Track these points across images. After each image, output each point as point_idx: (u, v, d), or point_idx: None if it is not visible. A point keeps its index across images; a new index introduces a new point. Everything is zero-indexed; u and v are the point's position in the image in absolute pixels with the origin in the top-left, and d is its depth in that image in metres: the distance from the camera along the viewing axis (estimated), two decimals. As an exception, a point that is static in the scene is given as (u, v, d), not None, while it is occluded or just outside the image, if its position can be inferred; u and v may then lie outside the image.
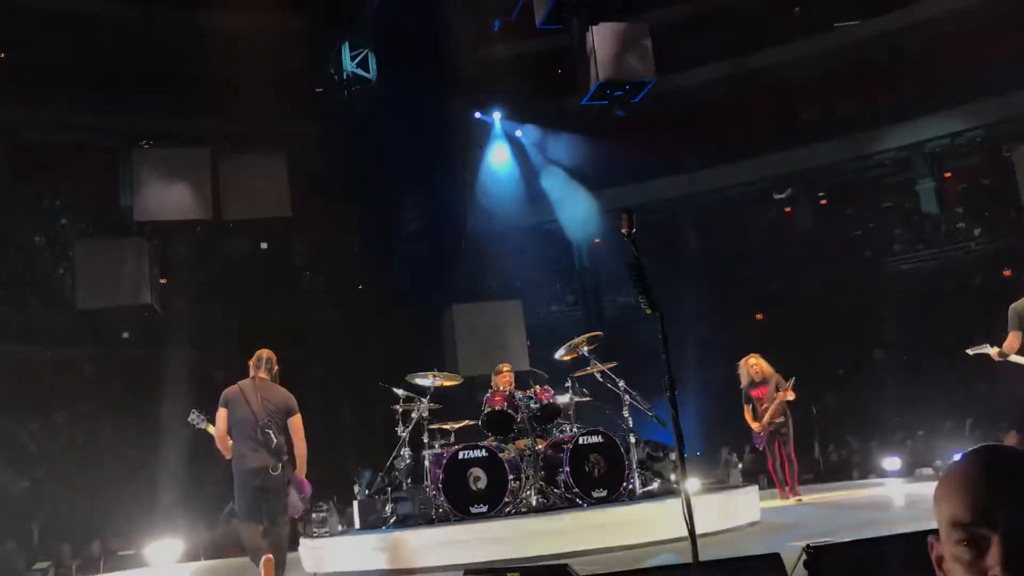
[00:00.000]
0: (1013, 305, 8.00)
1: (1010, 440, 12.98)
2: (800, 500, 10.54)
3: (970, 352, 8.44)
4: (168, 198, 18.38)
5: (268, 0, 17.30)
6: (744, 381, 11.08)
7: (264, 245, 21.09)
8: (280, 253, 21.52)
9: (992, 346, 8.07)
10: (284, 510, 6.99)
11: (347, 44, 19.52)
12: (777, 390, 10.75)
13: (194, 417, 7.13)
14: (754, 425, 10.81)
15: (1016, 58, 17.41)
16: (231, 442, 6.92)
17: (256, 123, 18.70)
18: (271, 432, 6.78)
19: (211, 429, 7.04)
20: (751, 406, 10.96)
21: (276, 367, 7.15)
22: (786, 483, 10.80)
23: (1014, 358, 7.92)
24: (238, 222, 19.62)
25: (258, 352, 7.21)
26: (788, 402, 10.75)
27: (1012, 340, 7.94)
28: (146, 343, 18.15)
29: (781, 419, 10.79)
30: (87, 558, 15.09)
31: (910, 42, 19.55)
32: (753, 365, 11.00)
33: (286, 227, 20.70)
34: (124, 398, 17.34)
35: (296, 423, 7.04)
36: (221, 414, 6.93)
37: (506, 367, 9.49)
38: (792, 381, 10.70)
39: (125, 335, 18.58)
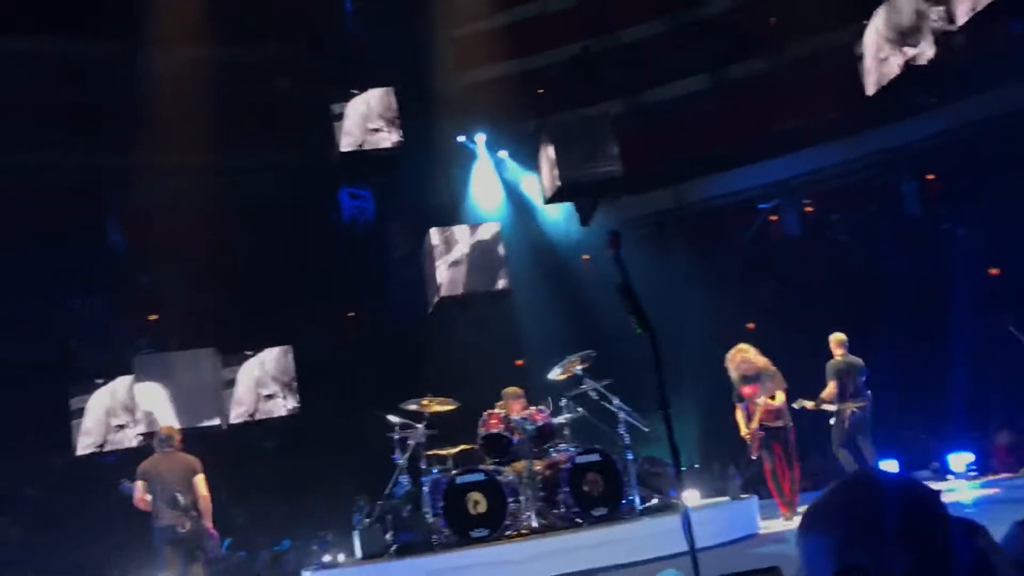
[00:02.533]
0: (829, 363, 10.35)
1: (1002, 440, 13.02)
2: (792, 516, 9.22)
3: (795, 406, 9.85)
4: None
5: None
6: (733, 377, 9.63)
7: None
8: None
9: (809, 400, 9.89)
10: (197, 559, 8.34)
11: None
12: (767, 391, 9.38)
13: (124, 487, 8.45)
14: (742, 429, 9.43)
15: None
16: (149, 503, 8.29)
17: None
18: (178, 496, 8.18)
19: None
20: (743, 406, 9.52)
21: (178, 439, 8.70)
22: (787, 496, 9.32)
23: (825, 406, 10.11)
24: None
25: (159, 430, 9.03)
26: (782, 409, 9.40)
27: (830, 389, 10.17)
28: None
29: (779, 422, 9.38)
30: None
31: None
32: (740, 359, 9.53)
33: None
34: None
35: (198, 483, 8.38)
36: (138, 486, 8.31)
37: (518, 391, 9.41)
38: (777, 382, 9.40)
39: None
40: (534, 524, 8.42)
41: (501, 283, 13.11)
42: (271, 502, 16.69)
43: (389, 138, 12.96)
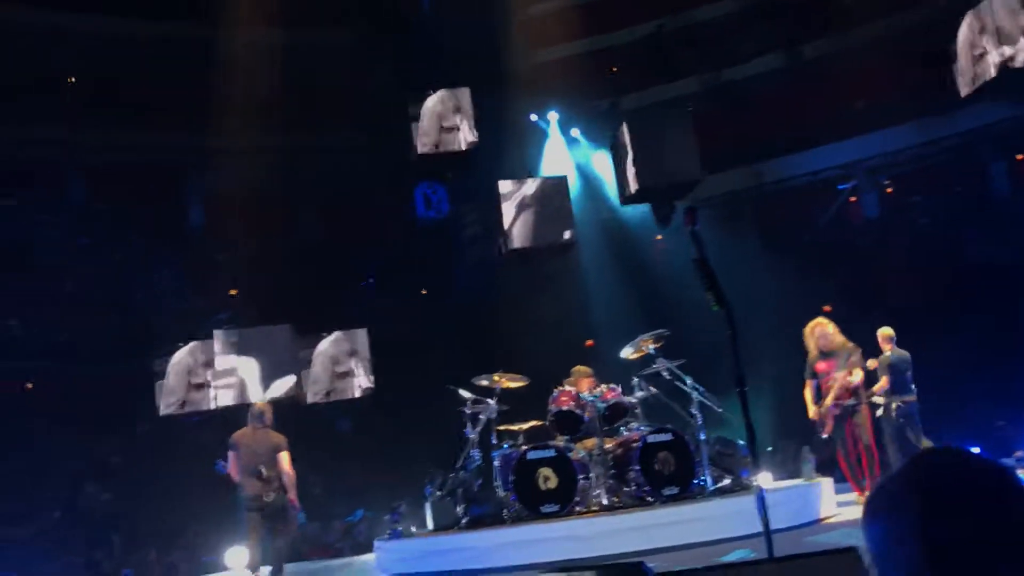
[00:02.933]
0: (880, 358, 10.17)
1: None
2: None
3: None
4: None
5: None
6: (810, 351, 9.18)
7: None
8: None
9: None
10: (279, 531, 8.91)
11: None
12: (848, 366, 8.91)
13: (219, 466, 9.04)
14: (810, 409, 9.04)
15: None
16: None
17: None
18: (263, 468, 8.70)
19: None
20: (815, 383, 9.09)
21: (269, 416, 9.09)
22: (863, 479, 8.88)
23: (876, 399, 9.85)
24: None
25: (253, 405, 9.33)
26: (859, 388, 8.94)
27: (882, 383, 10.08)
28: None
29: (851, 400, 8.93)
30: (169, 564, 15.57)
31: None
32: (820, 332, 9.08)
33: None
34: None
35: (282, 459, 8.84)
36: (231, 457, 8.93)
37: (587, 370, 9.44)
38: (857, 359, 8.96)
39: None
40: (604, 501, 8.46)
41: (567, 234, 12.88)
42: (346, 474, 17.08)
43: (465, 138, 12.98)
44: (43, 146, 21.02)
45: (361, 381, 13.92)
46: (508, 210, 12.82)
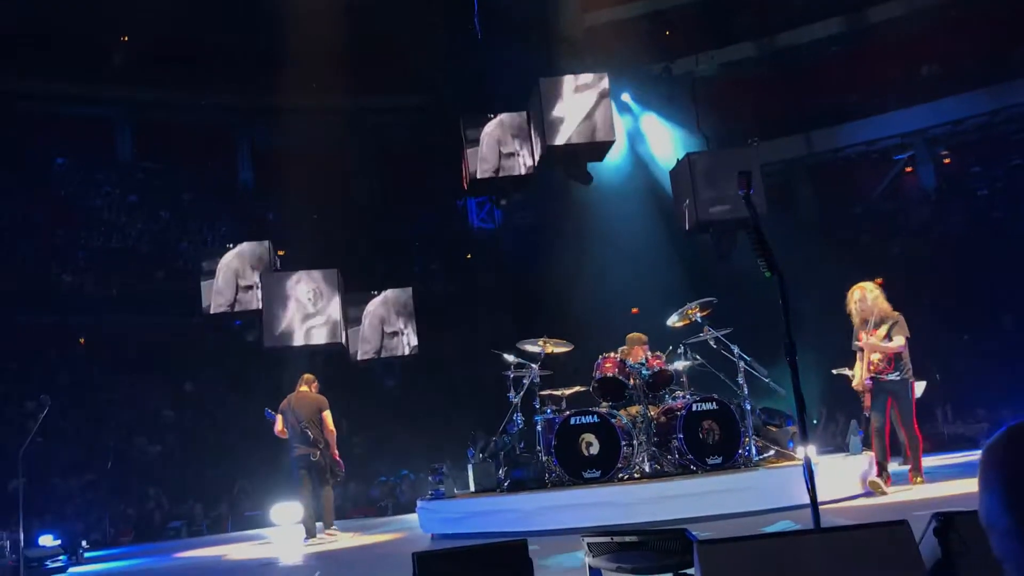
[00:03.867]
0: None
1: None
2: (920, 480, 8.10)
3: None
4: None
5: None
6: (853, 320, 8.32)
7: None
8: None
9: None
10: (326, 482, 9.81)
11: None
12: (889, 337, 8.05)
13: (269, 413, 10.04)
14: (856, 380, 8.25)
15: None
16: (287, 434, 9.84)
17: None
18: (308, 431, 9.60)
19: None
20: (862, 355, 8.25)
21: (315, 385, 10.05)
22: (887, 458, 8.15)
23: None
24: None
25: (303, 376, 10.13)
26: (899, 358, 8.04)
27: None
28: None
29: (892, 375, 8.07)
30: (216, 517, 15.93)
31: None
32: (860, 297, 8.23)
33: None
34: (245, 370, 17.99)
35: (326, 418, 9.77)
36: (278, 419, 9.90)
37: (642, 337, 9.33)
38: (900, 328, 8.03)
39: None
40: (646, 468, 8.42)
41: (603, 134, 12.37)
42: (390, 433, 17.27)
43: (524, 164, 12.83)
44: (100, 105, 21.32)
45: (410, 339, 14.01)
46: (547, 110, 12.33)
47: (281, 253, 19.75)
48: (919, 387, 8.34)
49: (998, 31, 19.36)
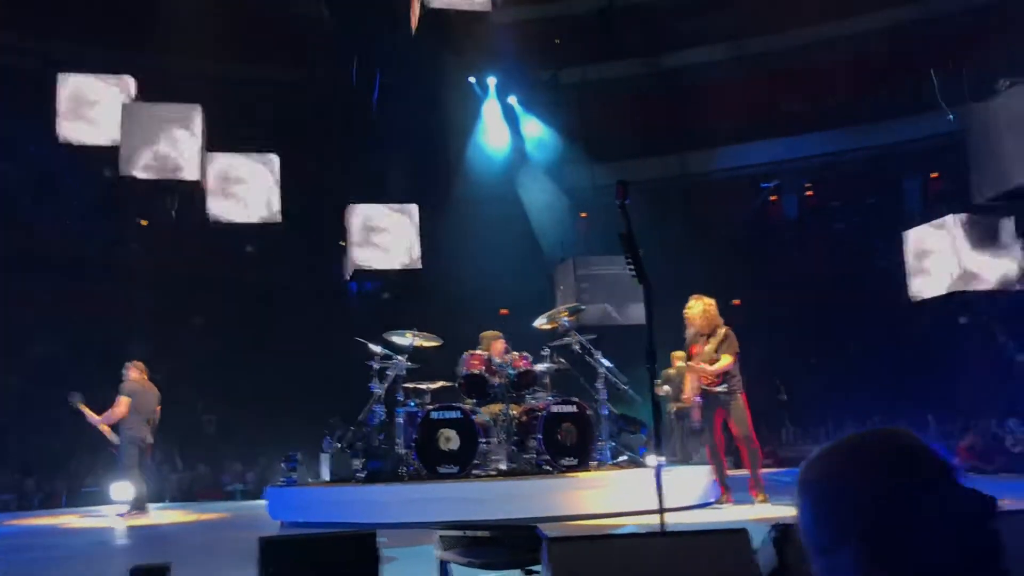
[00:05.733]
0: None
1: (966, 441, 13.23)
2: (765, 499, 7.94)
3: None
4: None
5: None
6: (688, 332, 8.39)
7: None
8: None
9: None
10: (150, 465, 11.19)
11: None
12: (717, 350, 8.04)
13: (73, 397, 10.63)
14: (685, 392, 8.31)
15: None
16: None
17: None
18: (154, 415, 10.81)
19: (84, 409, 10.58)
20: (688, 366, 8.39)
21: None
22: (723, 473, 8.27)
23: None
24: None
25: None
26: (728, 373, 8.00)
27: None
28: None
29: (720, 387, 8.03)
30: (48, 492, 15.12)
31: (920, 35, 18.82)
32: (700, 311, 8.20)
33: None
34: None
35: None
36: (126, 402, 10.50)
37: (496, 333, 9.39)
38: (729, 343, 8.05)
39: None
40: (503, 467, 8.50)
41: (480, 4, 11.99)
42: (242, 419, 16.76)
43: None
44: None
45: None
46: None
47: (144, 223, 18.86)
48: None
49: (861, 75, 20.45)
